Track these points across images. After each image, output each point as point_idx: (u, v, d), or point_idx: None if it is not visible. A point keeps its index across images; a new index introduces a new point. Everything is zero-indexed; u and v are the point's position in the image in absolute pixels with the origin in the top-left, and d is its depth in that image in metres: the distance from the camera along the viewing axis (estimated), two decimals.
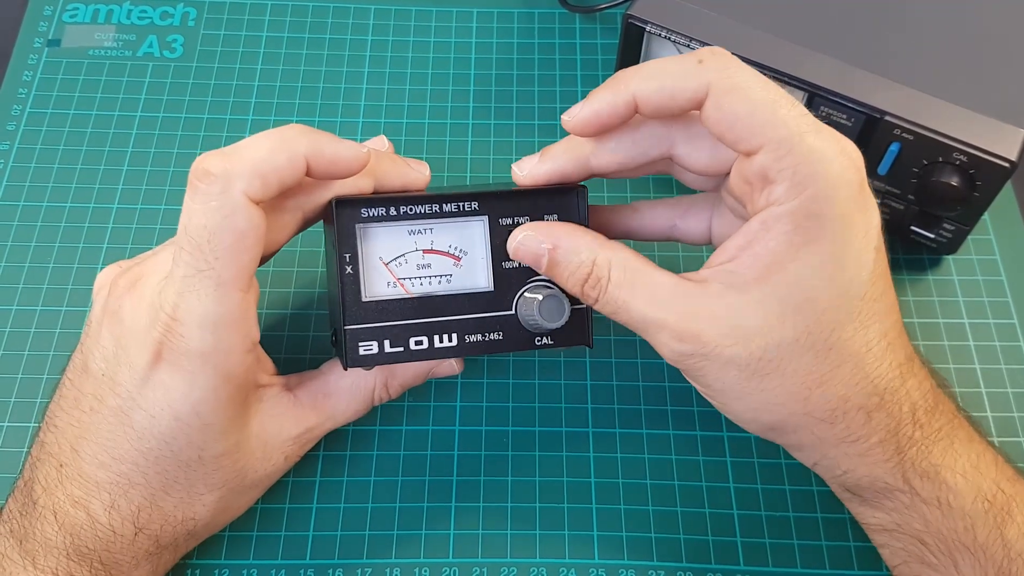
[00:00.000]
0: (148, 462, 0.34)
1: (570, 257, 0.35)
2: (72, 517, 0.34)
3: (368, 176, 0.37)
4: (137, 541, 0.35)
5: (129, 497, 0.34)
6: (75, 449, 0.35)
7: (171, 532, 0.36)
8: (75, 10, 0.56)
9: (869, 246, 0.33)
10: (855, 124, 0.43)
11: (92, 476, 0.34)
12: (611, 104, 0.35)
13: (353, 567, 0.40)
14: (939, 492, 0.34)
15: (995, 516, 0.33)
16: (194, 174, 0.33)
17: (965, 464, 0.34)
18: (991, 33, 0.45)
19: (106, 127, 0.51)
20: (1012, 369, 0.45)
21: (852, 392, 0.33)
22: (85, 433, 0.34)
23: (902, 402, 0.34)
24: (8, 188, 0.49)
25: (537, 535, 0.41)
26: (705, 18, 0.44)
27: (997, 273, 0.48)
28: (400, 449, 0.43)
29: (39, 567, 0.34)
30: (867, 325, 0.33)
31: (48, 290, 0.46)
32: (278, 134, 0.34)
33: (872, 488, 0.35)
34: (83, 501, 0.34)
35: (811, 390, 0.33)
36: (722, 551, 0.40)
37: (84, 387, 0.35)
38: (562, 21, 0.56)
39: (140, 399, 0.34)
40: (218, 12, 0.56)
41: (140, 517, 0.35)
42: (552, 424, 0.43)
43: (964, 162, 0.41)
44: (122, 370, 0.34)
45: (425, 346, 0.36)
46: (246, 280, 0.33)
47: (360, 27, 0.55)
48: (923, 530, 0.34)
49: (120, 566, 0.35)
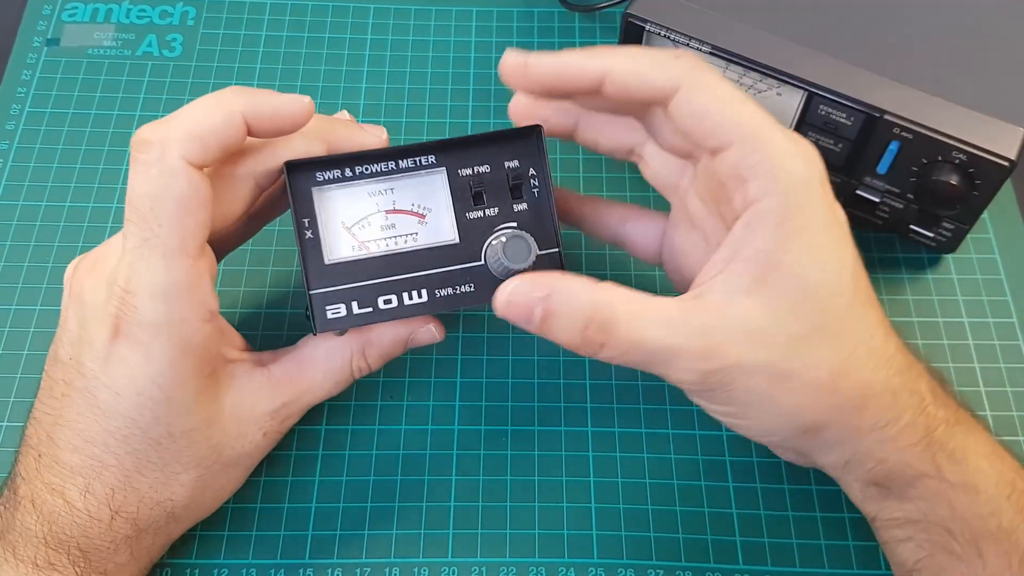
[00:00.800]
0: (118, 442, 0.34)
1: (568, 303, 0.33)
2: (50, 504, 0.34)
3: (320, 141, 0.36)
4: (114, 525, 0.35)
5: (103, 480, 0.34)
6: (51, 437, 0.35)
7: (148, 514, 0.35)
8: (74, 9, 0.56)
9: (847, 235, 0.34)
10: (854, 123, 0.43)
11: (67, 462, 0.34)
12: (579, 70, 0.35)
13: (352, 567, 0.40)
14: (966, 476, 0.34)
15: (1018, 500, 0.33)
16: (133, 144, 0.33)
17: (986, 447, 0.34)
18: (991, 31, 0.45)
19: (105, 126, 0.51)
20: (1011, 368, 0.45)
21: (874, 374, 0.33)
22: (59, 420, 0.35)
23: (918, 379, 0.34)
24: (7, 187, 0.49)
25: (536, 534, 0.41)
26: (704, 17, 0.44)
27: (996, 272, 0.48)
28: (399, 448, 0.43)
29: (19, 557, 0.34)
30: (866, 308, 0.34)
31: (47, 290, 0.46)
32: (214, 96, 0.34)
33: (902, 476, 0.34)
34: (59, 487, 0.34)
35: (836, 379, 0.33)
36: (721, 550, 0.40)
37: (56, 374, 0.35)
38: (561, 20, 0.56)
39: (103, 377, 0.34)
40: (217, 11, 0.56)
41: (115, 499, 0.34)
42: (551, 423, 0.43)
43: (963, 161, 0.41)
44: (85, 350, 0.34)
45: (395, 304, 0.36)
46: (194, 247, 0.33)
47: (359, 26, 0.55)
48: (949, 517, 0.34)
49: (99, 552, 0.35)
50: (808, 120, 0.44)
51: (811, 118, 0.44)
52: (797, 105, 0.44)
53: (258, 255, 0.47)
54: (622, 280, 0.45)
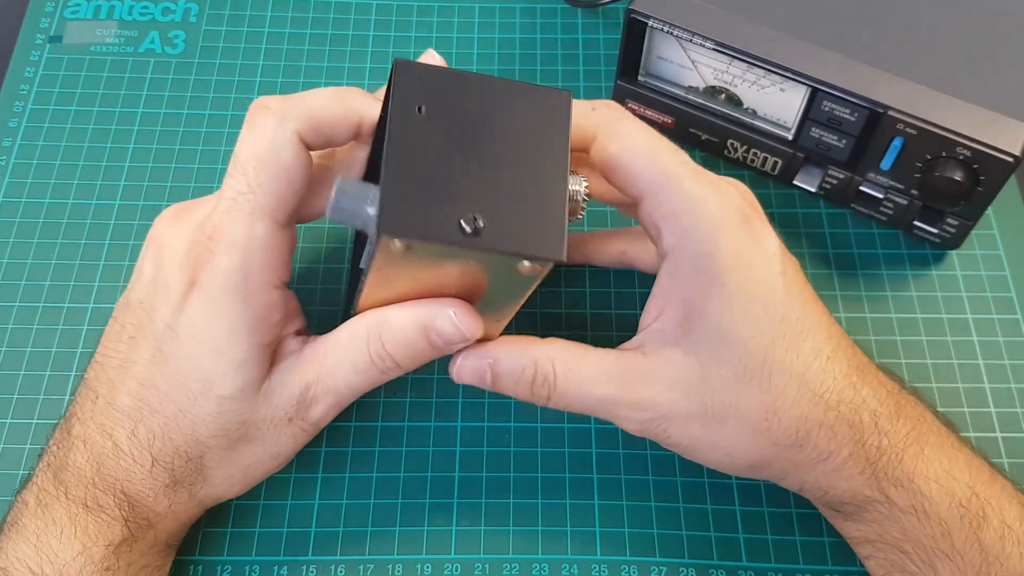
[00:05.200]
0: (167, 385, 0.34)
1: (512, 364, 0.35)
2: (100, 445, 0.35)
3: None
4: (154, 472, 0.35)
5: (148, 425, 0.35)
6: (112, 380, 0.35)
7: (184, 467, 0.35)
8: (77, 6, 0.56)
9: (773, 271, 0.34)
10: (858, 119, 0.42)
11: (121, 404, 0.35)
12: None
13: (356, 563, 0.40)
14: (914, 500, 0.34)
15: (970, 521, 0.34)
16: (252, 109, 0.34)
17: (937, 470, 0.34)
18: (995, 27, 0.45)
19: (108, 123, 0.51)
20: (1016, 364, 0.45)
21: (807, 411, 0.34)
22: (124, 363, 0.35)
23: (860, 411, 0.34)
24: (10, 185, 0.49)
25: (539, 531, 0.41)
26: (707, 13, 0.44)
27: (1001, 268, 0.47)
28: (402, 445, 0.43)
29: (71, 497, 0.34)
30: (796, 344, 0.34)
31: (50, 287, 0.46)
32: (339, 89, 0.35)
33: (853, 502, 0.35)
34: (110, 429, 0.35)
35: (769, 420, 0.34)
36: (725, 547, 0.40)
37: (125, 319, 0.36)
38: (564, 16, 0.56)
39: (172, 322, 0.34)
40: (220, 8, 0.56)
41: (155, 446, 0.35)
42: (554, 420, 0.43)
43: (968, 157, 0.41)
44: (160, 295, 0.35)
45: None
46: (284, 214, 0.34)
47: (362, 23, 0.55)
48: (902, 539, 0.35)
49: (141, 497, 0.35)
50: (812, 116, 0.44)
51: (815, 114, 0.44)
52: (801, 101, 0.44)
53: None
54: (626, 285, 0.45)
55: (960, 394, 0.44)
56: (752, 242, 0.34)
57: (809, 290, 0.36)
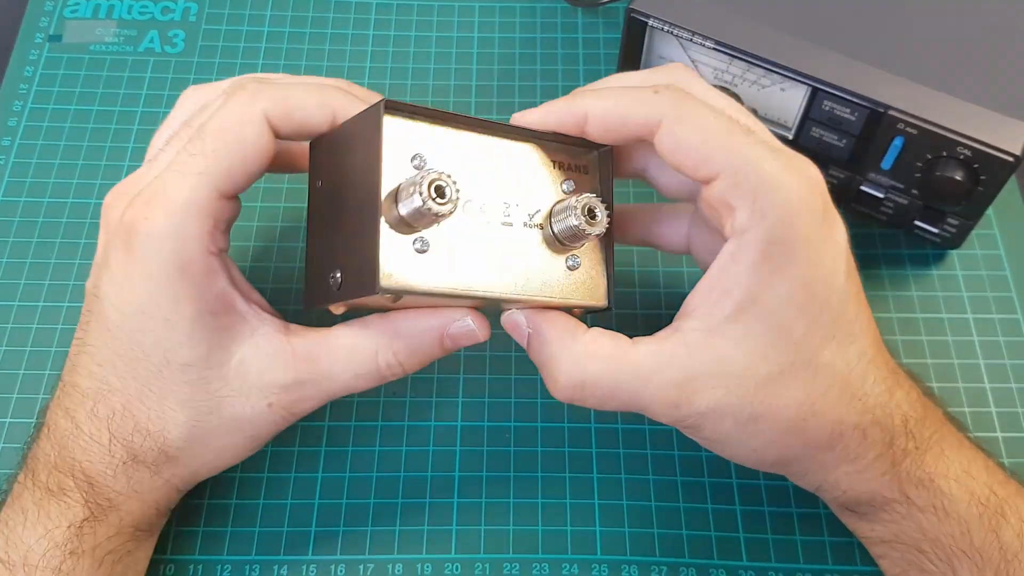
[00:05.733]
0: (124, 363, 0.34)
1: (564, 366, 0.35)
2: (62, 428, 0.35)
3: None
4: (112, 448, 0.35)
5: (107, 403, 0.35)
6: (75, 366, 0.35)
7: (142, 443, 0.35)
8: (76, 5, 0.55)
9: (838, 269, 0.33)
10: (859, 118, 0.42)
11: (81, 386, 0.35)
12: (561, 115, 0.35)
13: (355, 563, 0.40)
14: (934, 499, 0.34)
15: (989, 519, 0.34)
16: (230, 85, 0.35)
17: (957, 470, 0.34)
18: (996, 27, 0.45)
19: (108, 123, 0.51)
20: (1016, 364, 0.45)
21: (845, 413, 0.33)
22: (82, 347, 0.35)
23: (894, 415, 0.34)
24: (10, 184, 0.49)
25: (539, 531, 0.41)
26: (707, 12, 0.44)
27: (1001, 268, 0.48)
28: (402, 445, 0.43)
29: (36, 483, 0.35)
30: (845, 346, 0.33)
31: (49, 286, 0.46)
32: (321, 81, 0.35)
33: (870, 503, 0.35)
34: (73, 412, 0.35)
35: (806, 420, 0.33)
36: (725, 547, 0.40)
37: (85, 306, 0.36)
38: (564, 15, 0.56)
39: (112, 295, 0.34)
40: (219, 7, 0.55)
41: (113, 422, 0.35)
42: (554, 420, 0.43)
43: (968, 156, 0.41)
44: (103, 272, 0.34)
45: None
46: (228, 186, 0.33)
47: (362, 21, 0.55)
48: (920, 538, 0.34)
49: (100, 476, 0.35)
50: (812, 116, 0.44)
51: (815, 114, 0.44)
52: (801, 100, 0.44)
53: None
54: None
55: (960, 394, 0.44)
56: (824, 235, 0.33)
57: (861, 290, 0.35)
